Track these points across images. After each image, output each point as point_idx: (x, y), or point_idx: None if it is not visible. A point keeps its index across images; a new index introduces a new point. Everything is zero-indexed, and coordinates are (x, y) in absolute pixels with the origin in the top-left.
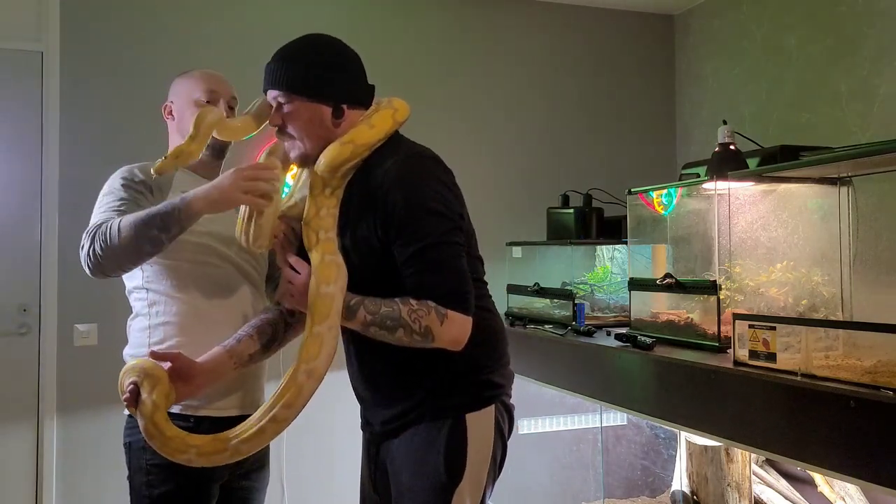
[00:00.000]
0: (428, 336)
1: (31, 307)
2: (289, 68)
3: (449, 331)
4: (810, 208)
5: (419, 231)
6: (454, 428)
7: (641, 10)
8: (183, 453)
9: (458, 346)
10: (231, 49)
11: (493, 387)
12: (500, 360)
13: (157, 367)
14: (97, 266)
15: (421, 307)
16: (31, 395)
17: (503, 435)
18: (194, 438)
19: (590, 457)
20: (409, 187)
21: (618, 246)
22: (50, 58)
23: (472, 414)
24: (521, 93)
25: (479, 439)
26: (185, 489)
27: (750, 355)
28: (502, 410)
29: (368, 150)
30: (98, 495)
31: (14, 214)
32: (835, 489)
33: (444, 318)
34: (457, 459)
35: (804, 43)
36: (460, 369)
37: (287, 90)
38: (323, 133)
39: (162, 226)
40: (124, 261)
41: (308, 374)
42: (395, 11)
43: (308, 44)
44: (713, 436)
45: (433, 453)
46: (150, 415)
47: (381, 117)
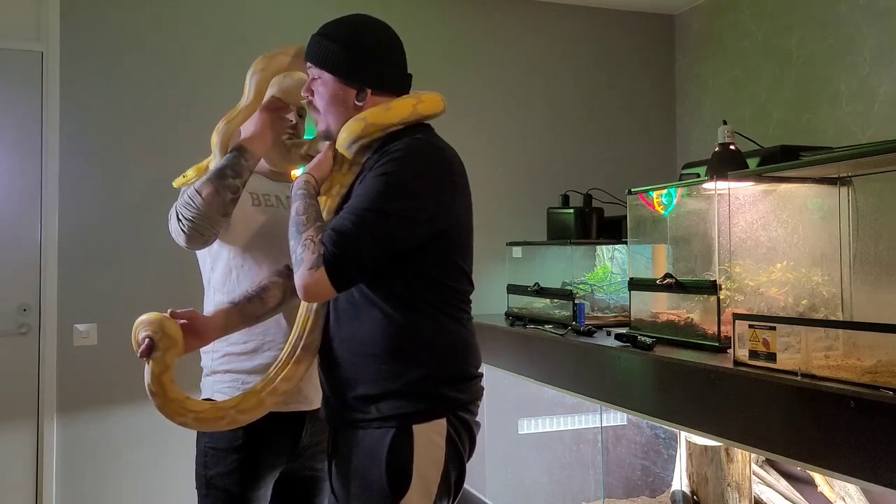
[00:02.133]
0: (297, 266)
1: (31, 307)
2: (324, 45)
3: (307, 278)
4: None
5: (376, 190)
6: (398, 437)
7: (641, 10)
8: (181, 416)
9: (306, 296)
10: (231, 49)
11: (445, 400)
12: (459, 374)
13: (174, 328)
14: (192, 231)
15: (315, 244)
16: (31, 395)
17: (459, 453)
18: (194, 403)
19: (590, 457)
20: (406, 160)
21: (618, 246)
22: (50, 58)
23: (419, 425)
24: (521, 93)
25: (428, 453)
26: (239, 472)
27: (750, 355)
28: (458, 426)
29: (381, 130)
30: (98, 495)
31: (14, 214)
32: (835, 489)
33: (315, 267)
34: (400, 471)
35: (804, 43)
36: (413, 376)
37: (317, 65)
38: (344, 112)
39: (234, 173)
40: (214, 214)
41: (305, 348)
42: (395, 11)
43: (350, 24)
44: (713, 436)
45: (377, 462)
46: (158, 374)
47: (401, 103)
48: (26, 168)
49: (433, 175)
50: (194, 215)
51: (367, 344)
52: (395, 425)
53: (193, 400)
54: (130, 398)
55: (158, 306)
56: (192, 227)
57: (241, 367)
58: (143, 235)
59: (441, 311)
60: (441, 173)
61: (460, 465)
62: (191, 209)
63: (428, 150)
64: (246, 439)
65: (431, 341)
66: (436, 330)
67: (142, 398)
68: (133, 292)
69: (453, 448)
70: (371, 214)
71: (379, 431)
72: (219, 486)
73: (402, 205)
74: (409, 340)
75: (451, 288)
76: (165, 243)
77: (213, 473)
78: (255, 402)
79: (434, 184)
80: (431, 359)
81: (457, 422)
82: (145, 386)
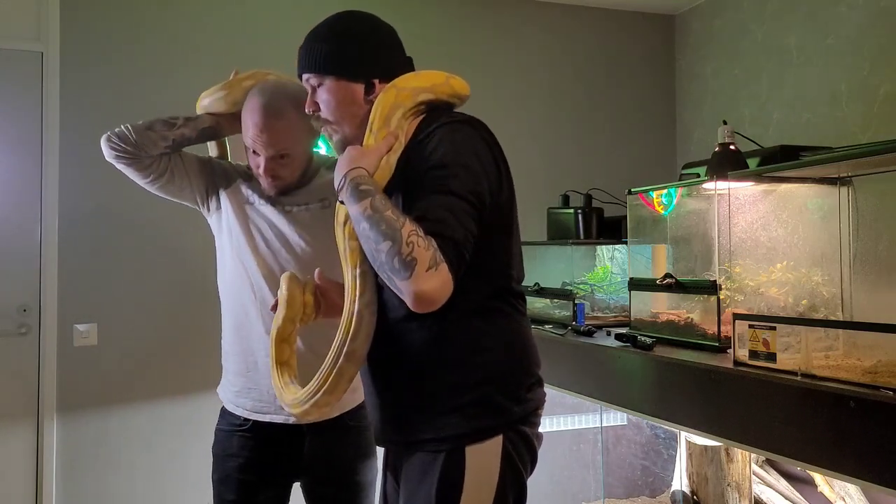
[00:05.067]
0: (407, 271)
1: (31, 307)
2: (316, 48)
3: (429, 280)
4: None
5: (445, 183)
6: (449, 460)
7: (641, 10)
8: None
9: (424, 304)
10: (231, 49)
11: (502, 414)
12: (517, 380)
13: (295, 294)
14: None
15: (424, 239)
16: (31, 395)
17: (518, 472)
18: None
19: (590, 457)
20: (457, 140)
21: (618, 246)
22: (50, 58)
23: (473, 446)
24: (521, 92)
25: (481, 475)
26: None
27: (750, 355)
28: (517, 442)
29: (413, 96)
30: (98, 495)
31: (14, 214)
32: (835, 489)
33: (435, 265)
34: (451, 496)
35: (804, 43)
36: (464, 388)
37: (314, 71)
38: (358, 112)
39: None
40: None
41: (349, 356)
42: (394, 11)
43: (336, 20)
44: (713, 436)
45: (426, 486)
46: (276, 328)
47: (432, 72)
48: (26, 168)
49: (485, 141)
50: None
51: (410, 357)
52: (446, 448)
53: (285, 371)
54: (130, 398)
55: (158, 306)
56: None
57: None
58: (144, 235)
59: (490, 307)
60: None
61: (519, 485)
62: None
63: (462, 121)
64: (239, 449)
65: (482, 345)
66: (485, 331)
67: (142, 398)
68: (133, 292)
69: (510, 467)
70: (451, 199)
71: (430, 454)
72: (216, 491)
73: (470, 181)
74: (456, 347)
75: (499, 277)
76: (166, 243)
77: (214, 479)
78: (300, 412)
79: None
80: (484, 365)
81: (516, 437)
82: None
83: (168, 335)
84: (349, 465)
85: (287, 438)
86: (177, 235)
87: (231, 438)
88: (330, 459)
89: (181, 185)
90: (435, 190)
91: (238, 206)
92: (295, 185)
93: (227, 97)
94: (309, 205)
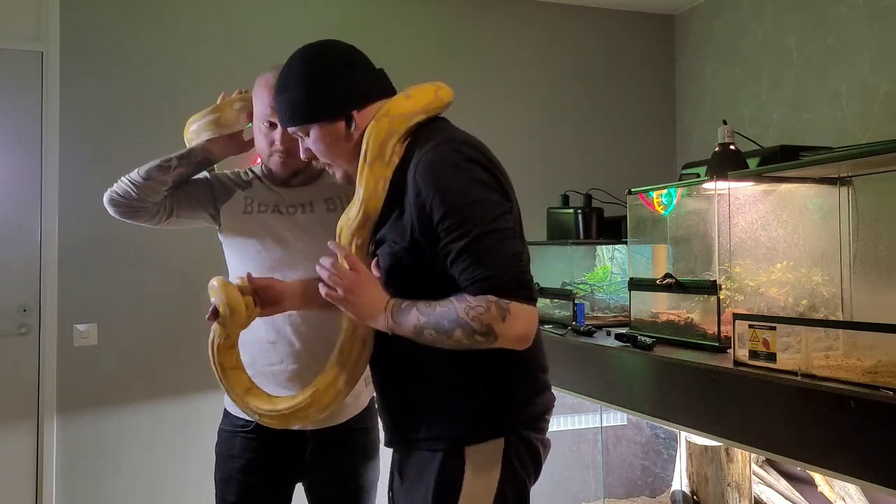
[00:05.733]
0: (490, 335)
1: (31, 307)
2: (285, 102)
3: (514, 326)
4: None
5: (463, 224)
6: (448, 460)
7: (641, 10)
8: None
9: (525, 342)
10: (231, 49)
11: (503, 414)
12: (520, 383)
13: (234, 297)
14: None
15: (479, 303)
16: (31, 395)
17: (519, 478)
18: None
19: (590, 457)
20: (444, 178)
21: (618, 246)
22: (50, 58)
23: (472, 447)
24: (521, 92)
25: (480, 477)
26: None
27: (750, 355)
28: (520, 446)
29: (407, 121)
30: (98, 495)
31: (14, 214)
32: (835, 489)
33: (506, 314)
34: (448, 495)
35: (804, 43)
36: (465, 390)
37: (294, 125)
38: (346, 147)
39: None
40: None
41: (346, 381)
42: (394, 11)
43: (292, 67)
44: (713, 436)
45: (423, 485)
46: (219, 338)
47: (421, 89)
48: (26, 168)
49: (479, 163)
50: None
51: (412, 360)
52: (444, 447)
53: (241, 376)
54: (130, 398)
55: (158, 306)
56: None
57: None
58: (144, 235)
59: None
60: (480, 157)
61: (520, 492)
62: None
63: (450, 145)
64: (241, 450)
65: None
66: None
67: (142, 398)
68: (133, 292)
69: (511, 471)
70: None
71: (428, 453)
72: (219, 491)
73: (488, 210)
74: (455, 354)
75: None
76: (166, 243)
77: (216, 479)
78: (278, 419)
79: (486, 171)
80: (488, 368)
81: (518, 441)
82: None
83: (168, 335)
84: (352, 467)
85: (289, 440)
86: (177, 235)
87: (233, 439)
88: (332, 461)
89: (192, 216)
90: (461, 243)
91: (236, 218)
92: (302, 170)
93: (219, 119)
94: (313, 204)
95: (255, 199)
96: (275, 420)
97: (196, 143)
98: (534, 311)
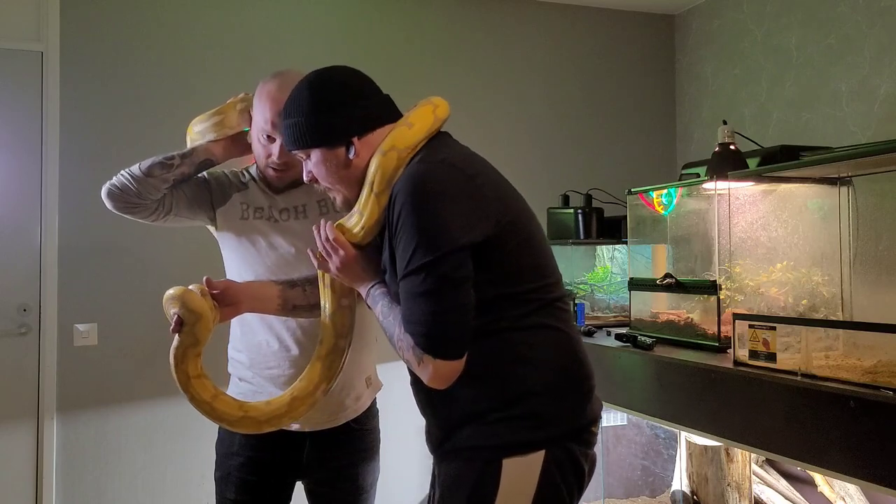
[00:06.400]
0: (412, 365)
1: (31, 307)
2: (290, 127)
3: (425, 374)
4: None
5: (405, 252)
6: (484, 470)
7: (641, 10)
8: (184, 389)
9: (438, 387)
10: (232, 49)
11: (545, 426)
12: (562, 391)
13: (197, 301)
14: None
15: (403, 340)
16: (31, 395)
17: (557, 491)
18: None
19: None
20: (411, 200)
21: (618, 246)
22: (50, 58)
23: (510, 459)
24: (521, 93)
25: (514, 491)
26: (233, 481)
27: (750, 355)
28: (562, 460)
29: (413, 151)
30: (98, 495)
31: (14, 214)
32: (835, 489)
33: (420, 361)
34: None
35: (804, 43)
36: (505, 402)
37: (298, 148)
38: (346, 173)
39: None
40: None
41: (323, 391)
42: (394, 11)
43: (300, 93)
44: (713, 436)
45: (460, 493)
46: (184, 347)
47: (421, 114)
48: (26, 168)
49: (446, 193)
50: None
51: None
52: (482, 457)
53: (206, 383)
54: (130, 398)
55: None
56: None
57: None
58: (144, 236)
59: (533, 323)
60: (452, 184)
61: None
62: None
63: (429, 167)
64: (240, 448)
65: (527, 358)
66: (529, 344)
67: (142, 398)
68: (133, 292)
69: (550, 486)
70: (413, 281)
71: (466, 462)
72: (218, 489)
73: (431, 249)
74: (501, 361)
75: (535, 291)
76: (166, 243)
77: (216, 477)
78: (251, 425)
79: (451, 202)
80: (528, 378)
81: (561, 455)
82: (171, 356)
83: (168, 335)
84: (351, 468)
85: (288, 439)
86: (177, 235)
87: (233, 437)
88: (331, 461)
89: (190, 215)
90: (406, 281)
91: (233, 223)
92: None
93: (224, 121)
94: (307, 208)
95: (250, 205)
96: (247, 426)
97: (199, 143)
98: (451, 365)
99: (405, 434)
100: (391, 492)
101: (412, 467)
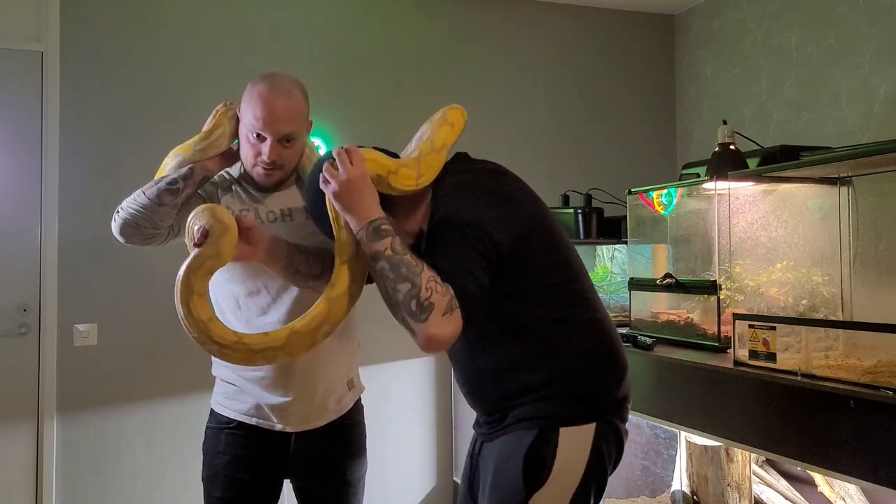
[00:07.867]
0: (423, 314)
1: (31, 307)
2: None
3: (444, 325)
4: (810, 208)
5: (438, 242)
6: (543, 436)
7: (641, 10)
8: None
9: (434, 347)
10: (232, 49)
11: (593, 399)
12: (605, 369)
13: (227, 214)
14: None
15: (442, 286)
16: (31, 395)
17: (603, 463)
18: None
19: None
20: (454, 193)
21: (618, 246)
22: (50, 58)
23: (567, 428)
24: (521, 93)
25: (570, 457)
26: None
27: (750, 355)
28: (608, 433)
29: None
30: (98, 495)
31: (14, 214)
32: (835, 489)
33: (451, 311)
34: (538, 467)
35: (804, 43)
36: (558, 375)
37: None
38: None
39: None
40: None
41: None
42: (394, 12)
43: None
44: (713, 436)
45: (516, 456)
46: (202, 259)
47: (455, 117)
48: (26, 168)
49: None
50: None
51: (504, 369)
52: (539, 425)
53: (206, 304)
54: (130, 398)
55: (159, 307)
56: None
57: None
58: None
59: (568, 316)
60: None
61: (601, 476)
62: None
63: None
64: (226, 446)
65: (570, 346)
66: (569, 334)
67: (142, 398)
68: (133, 292)
69: (597, 457)
70: (448, 251)
71: (523, 432)
72: (205, 489)
73: (464, 233)
74: (544, 351)
75: (566, 284)
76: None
77: (203, 476)
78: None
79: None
80: (572, 365)
81: (607, 428)
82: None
83: (168, 335)
84: (338, 463)
85: (274, 437)
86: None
87: (219, 436)
88: (318, 457)
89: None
90: (447, 242)
91: None
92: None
93: (211, 145)
94: (293, 213)
95: (233, 210)
96: (239, 354)
97: (195, 161)
98: (459, 331)
99: (405, 434)
100: (392, 492)
101: (412, 467)
